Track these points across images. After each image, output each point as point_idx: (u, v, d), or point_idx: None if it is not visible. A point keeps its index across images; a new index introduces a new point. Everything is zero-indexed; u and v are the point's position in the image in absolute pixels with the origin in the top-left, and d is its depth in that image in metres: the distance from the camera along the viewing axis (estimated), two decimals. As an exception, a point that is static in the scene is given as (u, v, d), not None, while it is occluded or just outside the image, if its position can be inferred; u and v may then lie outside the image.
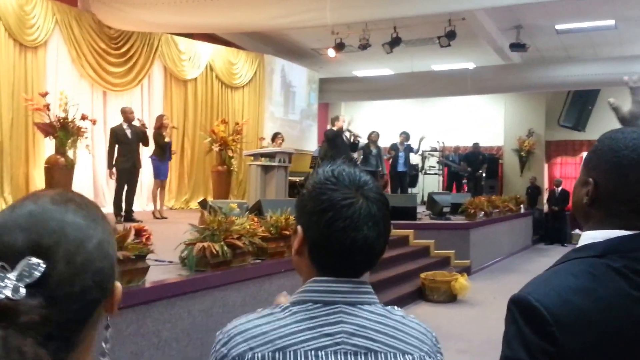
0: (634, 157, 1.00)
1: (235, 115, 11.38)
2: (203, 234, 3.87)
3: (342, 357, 0.91)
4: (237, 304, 3.99)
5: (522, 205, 11.42)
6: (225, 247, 3.85)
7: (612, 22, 10.25)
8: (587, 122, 13.78)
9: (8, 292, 0.57)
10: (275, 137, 9.97)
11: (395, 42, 10.52)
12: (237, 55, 11.69)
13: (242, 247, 4.04)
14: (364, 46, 10.73)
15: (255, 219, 4.53)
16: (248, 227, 4.19)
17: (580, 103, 13.80)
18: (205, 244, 3.76)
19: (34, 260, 0.59)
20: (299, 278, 1.01)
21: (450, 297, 6.72)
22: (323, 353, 0.91)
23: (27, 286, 0.58)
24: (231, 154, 9.90)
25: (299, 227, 0.99)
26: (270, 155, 8.61)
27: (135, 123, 7.77)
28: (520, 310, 0.96)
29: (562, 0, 8.57)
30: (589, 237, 1.05)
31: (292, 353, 0.90)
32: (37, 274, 0.59)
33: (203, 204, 6.84)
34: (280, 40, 12.44)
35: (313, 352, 0.91)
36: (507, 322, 0.99)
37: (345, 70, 14.68)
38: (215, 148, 9.74)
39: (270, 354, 0.90)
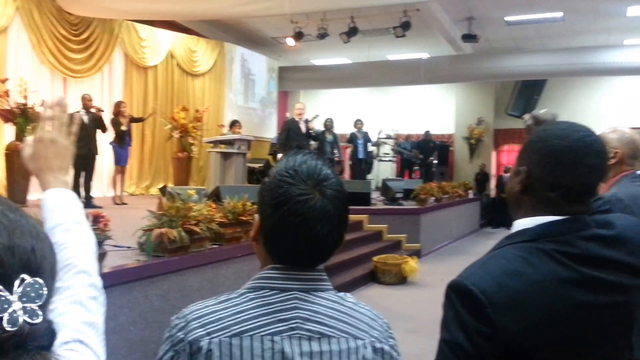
0: (564, 145, 1.04)
1: (196, 103, 11.41)
2: (161, 220, 3.86)
3: (297, 341, 0.93)
4: (194, 288, 3.99)
5: (470, 191, 11.78)
6: (183, 233, 3.84)
7: (560, 14, 10.61)
8: (534, 111, 14.24)
9: (25, 317, 0.55)
10: (233, 124, 10.09)
11: (352, 32, 10.70)
12: (198, 43, 11.71)
13: (199, 232, 4.01)
14: (322, 35, 10.88)
15: (213, 205, 4.52)
16: (206, 213, 4.17)
17: (527, 93, 14.26)
18: (163, 230, 3.75)
19: (31, 279, 0.58)
20: (256, 262, 1.02)
21: (401, 279, 6.90)
22: (278, 338, 0.92)
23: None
24: (191, 141, 9.98)
25: (257, 216, 1.01)
26: (230, 143, 8.67)
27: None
28: (458, 294, 0.99)
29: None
30: (521, 224, 1.08)
31: (248, 338, 0.91)
32: (44, 294, 0.58)
33: (163, 190, 6.91)
34: (240, 28, 12.47)
35: (269, 337, 0.92)
36: (445, 308, 1.02)
37: (304, 59, 14.80)
38: (176, 135, 9.80)
39: (227, 339, 0.91)
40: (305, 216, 0.94)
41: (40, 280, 0.58)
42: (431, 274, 7.31)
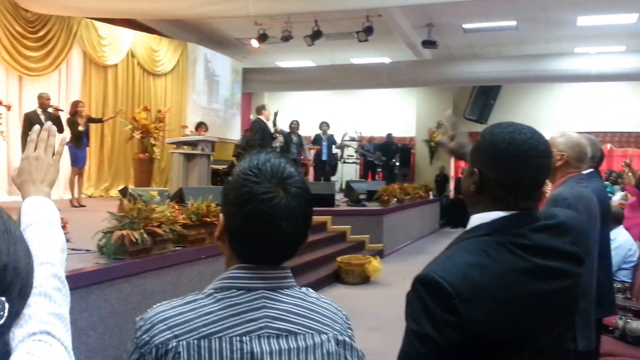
0: (510, 148, 1.12)
1: (158, 103, 11.26)
2: (122, 222, 3.80)
3: (266, 340, 0.94)
4: (157, 291, 3.95)
5: (431, 193, 12.05)
6: (145, 235, 3.78)
7: (513, 22, 10.91)
8: (490, 115, 14.65)
9: None
10: (198, 126, 10.02)
11: (316, 35, 10.77)
12: (160, 42, 11.55)
13: (162, 234, 3.96)
14: (287, 38, 10.90)
15: (176, 207, 4.49)
16: (169, 214, 4.13)
17: (483, 98, 14.62)
18: (124, 232, 3.70)
19: None
20: (220, 264, 1.03)
21: (364, 279, 7.01)
22: (247, 338, 0.92)
23: None
24: (153, 142, 9.83)
25: (221, 215, 1.01)
26: (193, 144, 8.61)
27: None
28: (425, 287, 1.04)
29: (469, 1, 9.11)
30: (476, 219, 1.17)
31: (217, 340, 0.91)
32: (3, 314, 0.57)
33: (123, 192, 6.79)
34: (203, 29, 12.36)
35: (238, 337, 0.92)
36: (413, 301, 1.06)
37: (268, 61, 14.77)
38: (137, 135, 9.64)
39: (195, 342, 0.90)
40: (270, 214, 0.94)
41: (2, 298, 0.57)
42: (393, 273, 7.42)
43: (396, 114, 15.81)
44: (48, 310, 0.85)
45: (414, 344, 1.04)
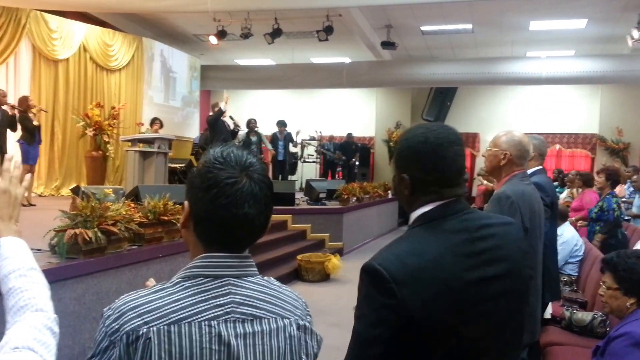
0: (427, 147, 1.21)
1: (112, 99, 10.94)
2: (75, 220, 3.69)
3: (232, 324, 0.98)
4: (112, 291, 3.88)
5: (389, 192, 12.20)
6: (99, 234, 3.70)
7: (469, 26, 11.22)
8: (446, 116, 14.96)
9: None
10: (152, 122, 9.79)
11: (276, 33, 10.72)
12: (114, 36, 11.23)
13: (117, 233, 3.88)
14: (246, 35, 10.81)
15: (132, 205, 4.40)
16: (124, 212, 4.05)
17: (440, 99, 14.94)
18: (77, 231, 3.60)
19: None
20: (177, 264, 1.08)
21: (324, 277, 7.09)
22: (215, 322, 0.96)
23: None
24: (107, 139, 9.56)
25: (186, 202, 1.04)
26: (149, 141, 8.43)
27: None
28: (367, 274, 1.11)
29: (427, 3, 9.28)
30: (415, 214, 1.24)
31: (186, 325, 0.94)
32: None
33: (75, 191, 6.60)
34: (160, 24, 12.12)
35: (206, 322, 0.95)
36: (359, 288, 1.13)
37: (227, 58, 14.66)
38: (90, 132, 9.35)
39: (165, 327, 0.93)
40: (234, 197, 0.99)
41: None
42: (353, 270, 7.38)
43: (356, 114, 15.95)
44: (35, 337, 0.91)
45: (357, 328, 1.12)
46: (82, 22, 10.47)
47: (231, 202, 0.99)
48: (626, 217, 6.80)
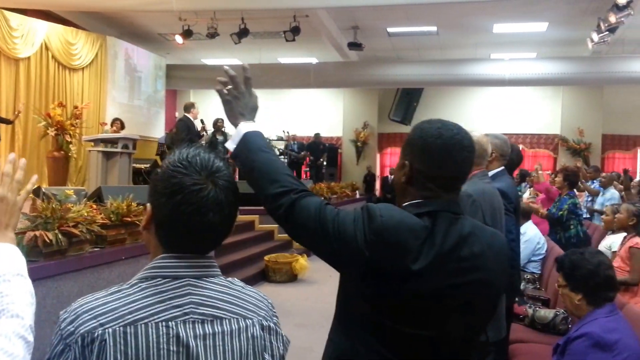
0: (438, 143, 1.22)
1: (74, 99, 10.72)
2: (35, 222, 3.61)
3: (191, 325, 0.96)
4: (73, 294, 3.79)
5: (357, 191, 12.33)
6: (60, 236, 3.63)
7: (434, 28, 11.39)
8: (413, 117, 15.18)
9: None
10: (113, 122, 9.62)
11: (243, 33, 10.68)
12: (77, 35, 11.00)
13: (78, 235, 3.81)
14: (212, 35, 10.75)
15: (94, 206, 4.32)
16: (86, 214, 3.98)
17: (407, 100, 15.16)
18: (37, 233, 3.52)
19: None
20: (141, 266, 1.03)
21: (291, 277, 7.07)
22: (173, 323, 0.95)
23: None
24: (69, 139, 9.33)
25: (149, 205, 1.03)
26: (113, 141, 8.30)
27: None
28: (367, 210, 1.20)
29: (392, 5, 9.36)
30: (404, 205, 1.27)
31: (143, 326, 0.92)
32: None
33: (36, 192, 6.45)
34: (124, 22, 11.91)
35: (164, 323, 0.94)
36: (356, 212, 1.22)
37: (193, 58, 14.52)
38: (51, 132, 9.11)
39: (121, 328, 0.91)
40: (199, 205, 0.97)
41: None
42: (320, 271, 7.43)
43: (324, 114, 16.04)
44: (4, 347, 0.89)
45: (343, 215, 1.20)
46: (44, 20, 10.24)
47: (195, 209, 0.97)
48: (585, 216, 6.93)
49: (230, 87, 1.39)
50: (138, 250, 4.50)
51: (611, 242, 4.52)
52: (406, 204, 1.25)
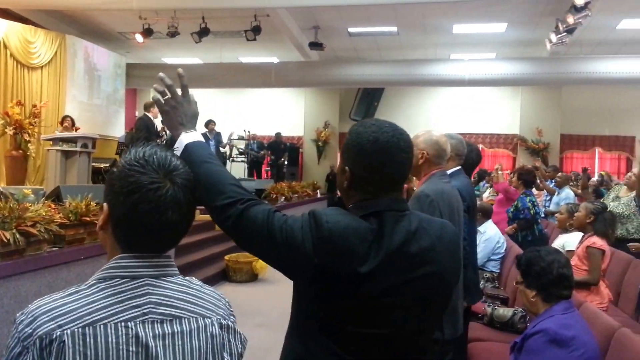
0: (375, 149, 1.22)
1: (33, 97, 10.50)
2: None
3: (150, 325, 0.96)
4: (31, 294, 3.79)
5: (318, 191, 12.41)
6: (18, 235, 3.61)
7: (394, 28, 11.51)
8: (373, 116, 15.12)
9: None
10: (63, 119, 9.47)
11: (203, 32, 10.65)
12: (36, 33, 10.78)
13: (36, 234, 3.79)
14: (173, 34, 10.70)
15: (53, 206, 4.31)
16: (44, 213, 3.96)
17: (367, 99, 15.29)
18: None
19: None
20: (100, 265, 1.01)
21: (252, 277, 7.04)
22: (132, 324, 0.94)
23: None
24: (28, 138, 9.18)
25: (105, 205, 1.02)
26: (72, 141, 8.21)
27: None
28: (314, 216, 1.20)
29: (352, 5, 9.44)
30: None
31: (102, 327, 0.92)
32: None
33: (-7, 192, 6.34)
34: (84, 21, 11.73)
35: (122, 323, 0.93)
36: (303, 219, 1.20)
37: (154, 57, 14.37)
38: (9, 131, 8.94)
39: (79, 330, 0.90)
40: (157, 203, 0.98)
41: None
42: (281, 270, 7.59)
43: (285, 114, 16.04)
44: None
45: (291, 222, 1.19)
46: (3, 18, 10.00)
47: (153, 208, 0.98)
48: (542, 215, 7.07)
49: (167, 96, 1.36)
50: (97, 250, 4.48)
51: (564, 242, 4.51)
52: (351, 206, 1.26)
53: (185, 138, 1.30)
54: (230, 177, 1.28)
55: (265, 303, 5.95)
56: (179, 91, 1.38)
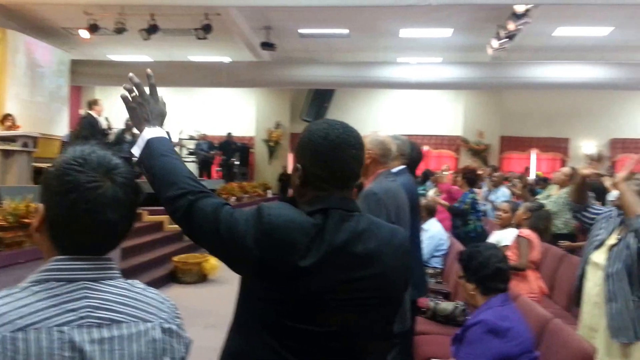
0: (326, 144, 1.23)
1: (-30, 95, 10.07)
2: None
3: (86, 330, 0.92)
4: (-33, 298, 3.72)
5: (269, 191, 12.46)
6: None
7: (346, 31, 11.67)
8: (324, 117, 15.28)
9: None
10: (5, 118, 9.13)
11: (152, 30, 10.50)
12: (-27, 27, 10.32)
13: None
14: (120, 30, 10.48)
15: (-10, 207, 4.16)
16: None
17: (318, 100, 15.43)
18: None
19: None
20: (39, 269, 0.97)
21: (202, 278, 6.95)
22: (67, 328, 0.90)
23: None
24: (-35, 137, 8.77)
25: (41, 205, 0.97)
26: (11, 139, 7.89)
27: None
28: (258, 211, 1.20)
29: (304, 7, 9.51)
30: (302, 207, 1.26)
31: (34, 331, 0.88)
32: None
33: None
34: (25, 15, 11.29)
35: (56, 328, 0.90)
36: (247, 214, 1.21)
37: (100, 53, 14.02)
38: (-55, 130, 8.53)
39: (9, 334, 0.87)
40: (95, 203, 0.95)
41: None
42: (230, 270, 7.53)
43: (236, 114, 15.99)
44: None
45: (238, 215, 1.21)
46: None
47: (92, 207, 0.94)
48: (481, 214, 7.38)
49: (134, 94, 1.42)
50: (38, 253, 4.20)
51: (499, 238, 4.69)
52: (300, 203, 1.27)
53: (148, 133, 1.36)
54: (186, 171, 1.30)
55: (215, 303, 5.89)
56: (147, 90, 1.44)
